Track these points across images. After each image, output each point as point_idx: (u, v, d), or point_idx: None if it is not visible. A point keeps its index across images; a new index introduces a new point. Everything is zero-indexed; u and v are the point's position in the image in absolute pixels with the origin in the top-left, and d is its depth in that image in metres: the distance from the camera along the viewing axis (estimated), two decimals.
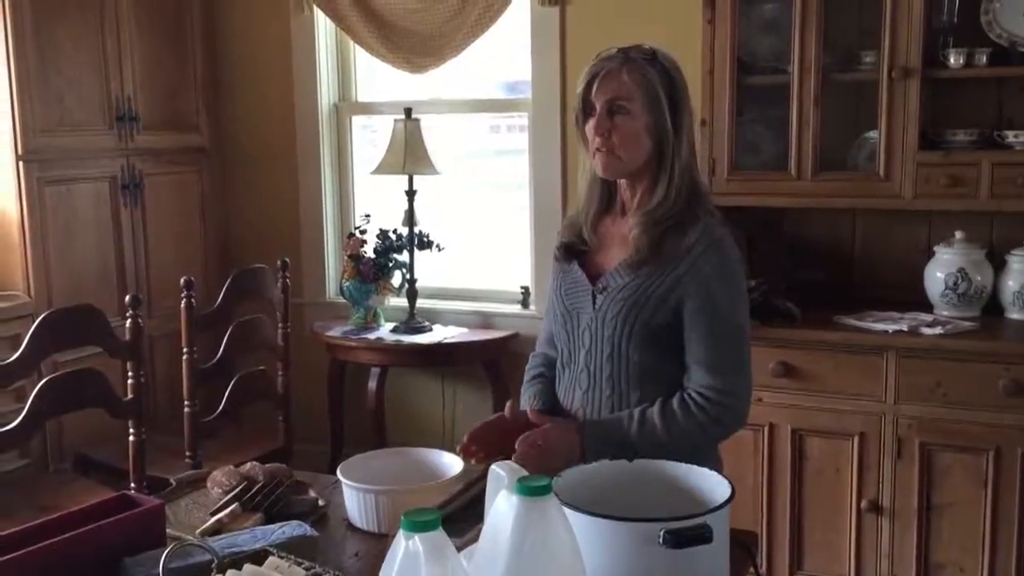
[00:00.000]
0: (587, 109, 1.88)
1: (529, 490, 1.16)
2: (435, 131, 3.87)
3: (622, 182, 1.93)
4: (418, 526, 1.06)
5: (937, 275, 3.02)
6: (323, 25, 4.06)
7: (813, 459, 2.96)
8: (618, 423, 1.84)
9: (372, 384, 3.81)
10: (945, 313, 3.00)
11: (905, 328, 2.88)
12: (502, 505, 1.18)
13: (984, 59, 2.88)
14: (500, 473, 1.28)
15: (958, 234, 3.02)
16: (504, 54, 3.91)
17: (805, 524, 2.99)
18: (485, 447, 1.83)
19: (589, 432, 1.83)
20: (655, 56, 1.86)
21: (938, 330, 2.84)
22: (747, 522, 2.98)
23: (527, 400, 2.01)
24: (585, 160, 1.94)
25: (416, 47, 3.82)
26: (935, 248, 3.07)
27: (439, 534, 1.06)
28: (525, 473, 1.25)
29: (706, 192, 1.96)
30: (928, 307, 3.05)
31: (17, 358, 2.42)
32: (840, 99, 3.12)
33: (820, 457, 2.95)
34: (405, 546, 1.06)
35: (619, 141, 1.85)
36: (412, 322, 3.80)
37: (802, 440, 2.97)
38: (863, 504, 2.90)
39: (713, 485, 1.51)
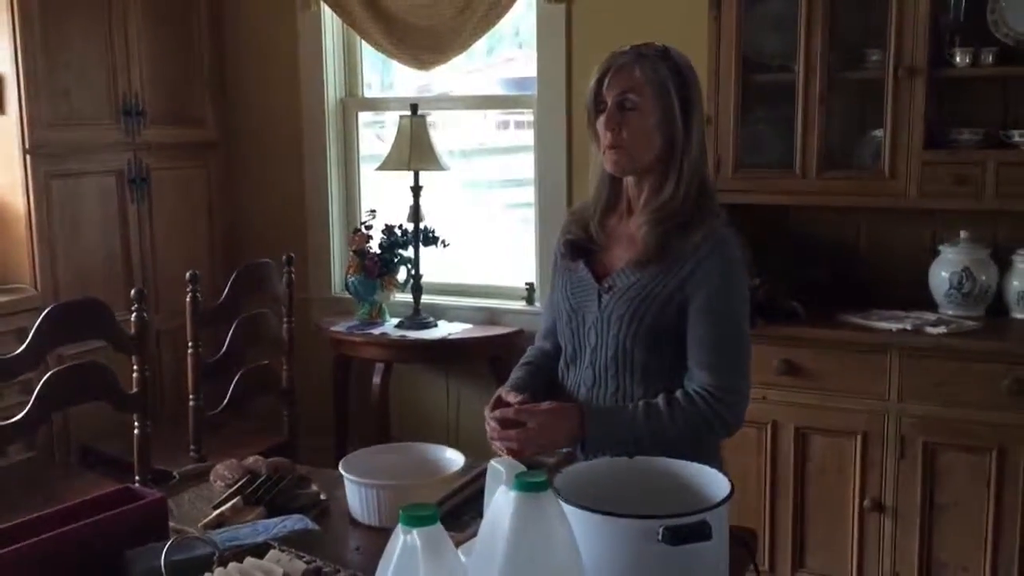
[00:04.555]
0: (598, 105, 1.88)
1: (526, 486, 1.16)
2: (442, 127, 3.87)
3: (629, 180, 1.93)
4: (416, 521, 1.06)
5: (942, 274, 3.02)
6: (330, 21, 4.06)
7: (816, 457, 2.97)
8: (621, 407, 1.85)
9: (377, 379, 3.81)
10: (949, 312, 3.00)
11: (909, 327, 2.87)
12: (500, 501, 1.18)
13: (990, 58, 2.88)
14: (499, 469, 1.29)
15: (963, 233, 3.02)
16: (510, 51, 3.92)
17: (808, 522, 3.00)
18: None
19: (590, 412, 1.83)
20: (667, 53, 1.87)
21: (942, 329, 2.84)
22: (749, 520, 2.98)
23: (509, 383, 1.99)
24: (595, 156, 1.94)
25: (422, 43, 3.82)
26: (940, 247, 3.06)
27: (437, 529, 1.07)
28: (523, 469, 1.26)
29: (714, 192, 1.96)
30: (933, 306, 3.05)
31: (22, 351, 2.43)
32: (846, 97, 3.12)
33: (823, 455, 2.95)
34: (403, 540, 1.07)
35: (629, 137, 1.85)
36: (417, 318, 3.81)
37: (805, 438, 2.97)
38: (866, 503, 2.90)
39: (713, 482, 1.52)
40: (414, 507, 1.07)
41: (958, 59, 2.90)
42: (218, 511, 1.76)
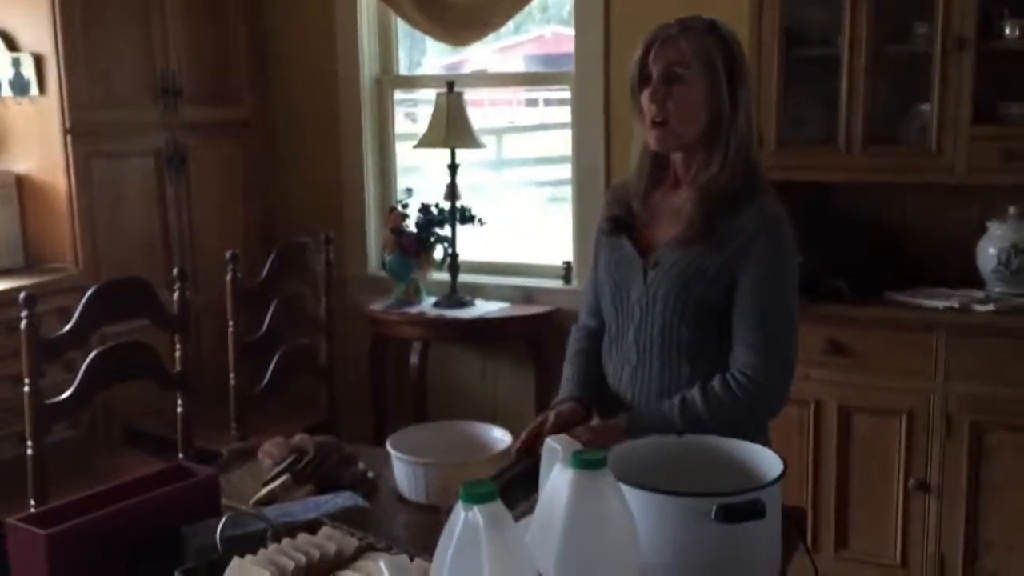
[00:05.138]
0: (643, 78, 1.86)
1: (584, 463, 1.15)
2: (471, 105, 3.85)
3: (676, 155, 1.90)
4: (477, 497, 1.06)
5: (989, 251, 2.97)
6: None
7: (860, 437, 2.93)
8: (660, 412, 1.82)
9: (414, 358, 3.82)
10: (997, 290, 2.95)
11: (956, 305, 2.84)
12: (557, 478, 1.18)
13: None
14: (555, 447, 1.28)
15: (1011, 209, 2.96)
16: (538, 28, 3.89)
17: (851, 502, 2.97)
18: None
19: (635, 428, 1.80)
20: (714, 26, 1.83)
21: (990, 307, 2.80)
22: (792, 500, 2.94)
23: (566, 381, 1.98)
24: (638, 131, 1.91)
25: (459, 19, 3.79)
26: (988, 223, 3.01)
27: (498, 505, 1.07)
28: (580, 447, 1.25)
29: (762, 170, 1.93)
30: (980, 283, 3.00)
31: (70, 329, 2.45)
32: (891, 72, 3.06)
33: (867, 435, 2.92)
34: (464, 517, 1.06)
35: (674, 110, 1.82)
36: (454, 297, 3.80)
37: (849, 418, 2.94)
38: (911, 483, 2.87)
39: (764, 460, 1.51)
40: (474, 484, 1.07)
41: (1007, 31, 2.84)
42: (268, 488, 1.77)
